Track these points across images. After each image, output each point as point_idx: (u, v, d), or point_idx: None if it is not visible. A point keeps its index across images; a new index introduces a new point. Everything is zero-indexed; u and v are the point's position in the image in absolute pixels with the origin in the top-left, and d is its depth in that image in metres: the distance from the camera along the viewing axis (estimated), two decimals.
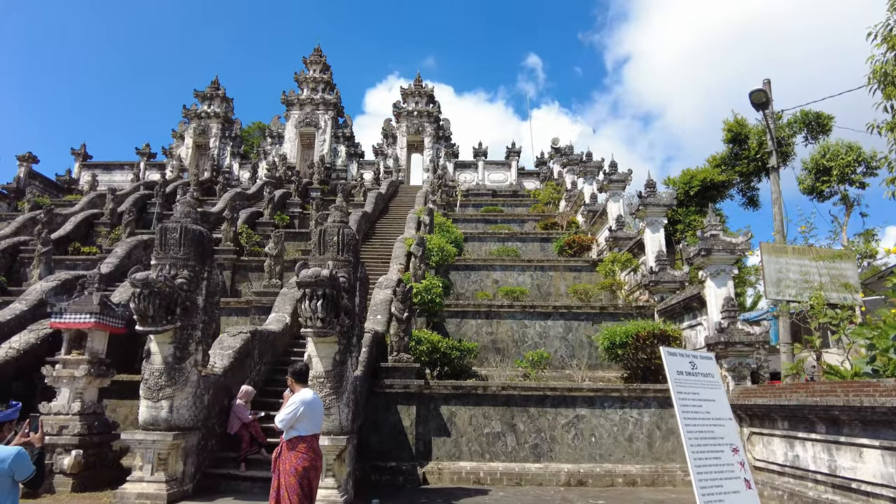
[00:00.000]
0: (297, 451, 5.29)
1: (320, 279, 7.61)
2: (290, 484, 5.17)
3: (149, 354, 8.31)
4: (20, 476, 3.81)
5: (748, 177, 19.17)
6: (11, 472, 3.73)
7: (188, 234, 8.62)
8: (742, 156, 18.56)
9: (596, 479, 10.03)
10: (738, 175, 19.01)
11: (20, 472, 3.78)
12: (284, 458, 5.33)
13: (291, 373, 5.91)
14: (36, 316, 13.73)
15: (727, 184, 19.11)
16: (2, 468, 3.67)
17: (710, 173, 18.79)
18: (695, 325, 11.80)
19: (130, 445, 8.07)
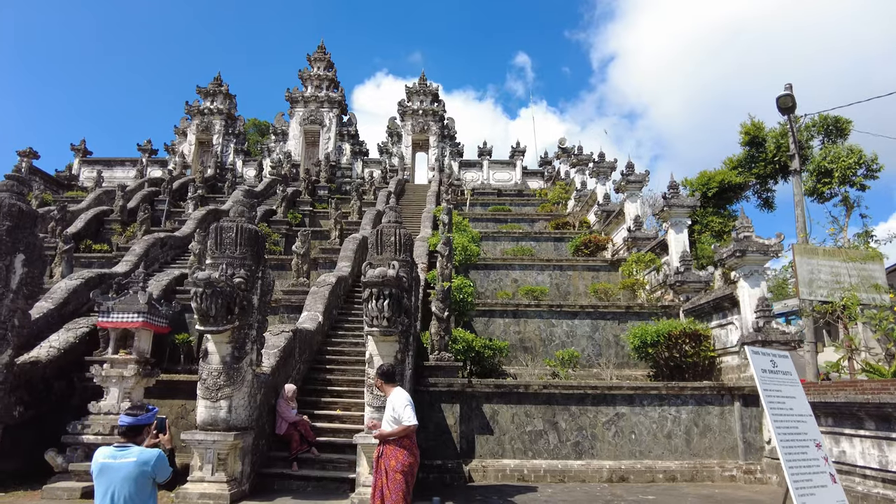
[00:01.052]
0: (403, 449, 5.35)
1: (387, 279, 7.68)
2: (397, 480, 5.22)
3: (206, 354, 8.31)
4: (161, 478, 3.85)
5: (764, 179, 19.58)
6: (154, 474, 3.76)
7: (244, 234, 8.62)
8: (759, 158, 18.94)
9: (637, 476, 10.23)
10: (754, 177, 19.39)
11: (161, 473, 3.82)
12: (390, 456, 5.39)
13: (380, 374, 5.93)
14: (63, 314, 13.54)
15: (744, 185, 19.50)
16: (146, 470, 3.71)
17: (727, 175, 19.15)
18: (725, 325, 12.05)
19: (190, 445, 8.05)
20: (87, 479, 8.29)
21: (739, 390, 10.61)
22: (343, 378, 11.74)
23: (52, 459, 8.56)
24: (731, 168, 19.74)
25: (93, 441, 8.69)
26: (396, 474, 5.23)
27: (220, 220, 8.84)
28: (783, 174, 19.02)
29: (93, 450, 8.68)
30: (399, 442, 5.37)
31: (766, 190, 20.40)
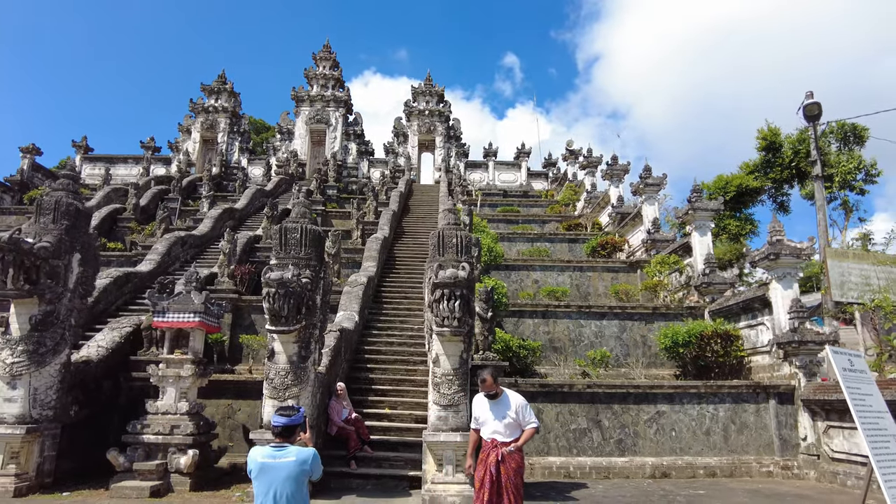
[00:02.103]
0: (519, 450, 5.29)
1: (458, 280, 7.84)
2: (518, 484, 5.16)
3: (272, 354, 8.39)
4: (316, 476, 3.98)
5: (780, 183, 20.12)
6: (311, 473, 3.89)
7: (309, 235, 8.72)
8: (775, 163, 19.47)
9: (679, 472, 10.53)
10: (770, 181, 19.93)
11: (316, 472, 3.95)
12: (510, 459, 5.17)
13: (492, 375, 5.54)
14: (94, 313, 13.47)
15: (760, 190, 20.02)
16: (305, 469, 3.84)
17: (744, 179, 19.66)
18: (755, 325, 12.42)
19: (258, 444, 8.09)
20: (151, 478, 8.33)
21: (774, 388, 10.97)
22: (385, 377, 11.87)
23: (115, 459, 8.55)
24: (748, 172, 20.28)
25: (153, 441, 8.70)
26: (518, 477, 5.17)
27: (284, 222, 8.92)
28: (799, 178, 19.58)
29: (152, 449, 8.73)
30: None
31: (781, 194, 20.98)
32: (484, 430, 5.35)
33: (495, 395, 5.35)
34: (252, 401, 10.84)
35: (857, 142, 19.58)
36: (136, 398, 10.73)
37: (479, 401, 5.48)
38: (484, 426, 5.35)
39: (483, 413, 5.37)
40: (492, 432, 5.26)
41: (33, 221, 9.06)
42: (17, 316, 8.48)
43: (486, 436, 5.29)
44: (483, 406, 5.40)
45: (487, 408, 5.34)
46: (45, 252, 8.49)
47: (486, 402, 5.39)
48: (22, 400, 8.28)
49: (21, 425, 8.15)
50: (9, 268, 8.03)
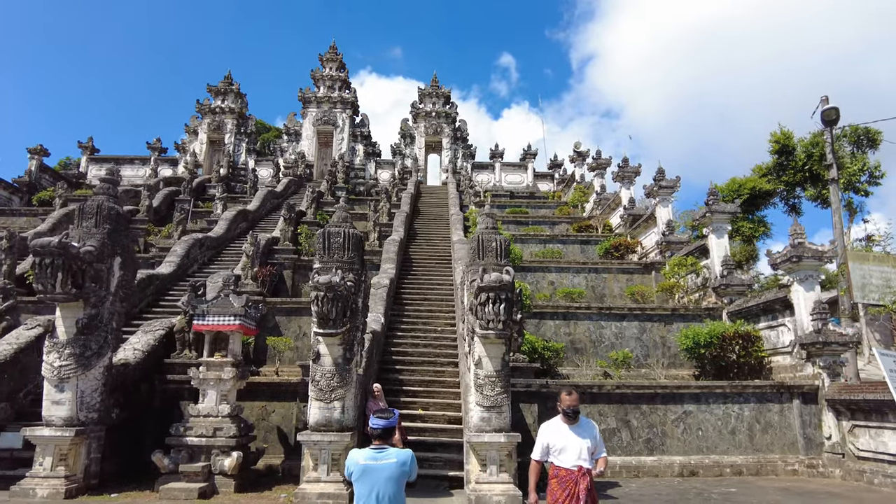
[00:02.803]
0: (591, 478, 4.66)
1: (503, 284, 8.00)
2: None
3: (318, 356, 8.50)
4: (413, 477, 4.12)
5: (793, 186, 20.44)
6: (409, 474, 4.03)
7: (351, 239, 8.85)
8: (788, 166, 19.78)
9: (706, 470, 10.74)
10: (783, 184, 20.23)
11: (413, 472, 4.09)
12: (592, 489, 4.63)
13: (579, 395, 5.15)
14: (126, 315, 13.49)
15: (772, 192, 20.32)
16: (405, 470, 3.98)
17: (757, 182, 19.96)
18: (775, 326, 12.65)
19: (306, 446, 8.22)
20: (197, 479, 8.43)
21: (798, 388, 11.20)
22: (414, 378, 12.00)
23: (160, 461, 8.65)
24: (761, 175, 20.59)
25: (196, 443, 8.80)
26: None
27: (326, 226, 9.05)
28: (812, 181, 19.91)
29: (195, 451, 8.83)
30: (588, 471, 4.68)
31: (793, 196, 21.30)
32: (563, 458, 4.62)
33: (575, 417, 4.73)
34: (286, 402, 10.96)
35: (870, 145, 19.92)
36: (171, 401, 10.84)
37: (556, 427, 4.77)
38: (562, 454, 4.62)
39: (562, 440, 4.66)
40: (577, 459, 4.57)
41: (76, 226, 9.13)
42: (63, 319, 8.56)
43: (569, 464, 4.58)
44: (561, 432, 4.70)
45: (568, 434, 4.67)
46: (89, 256, 8.58)
47: (564, 427, 4.71)
48: (69, 402, 8.36)
49: (69, 427, 8.23)
50: (58, 272, 8.10)
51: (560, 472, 4.61)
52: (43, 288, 8.15)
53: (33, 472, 8.13)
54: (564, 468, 4.60)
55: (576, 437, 4.65)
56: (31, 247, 8.11)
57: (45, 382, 8.43)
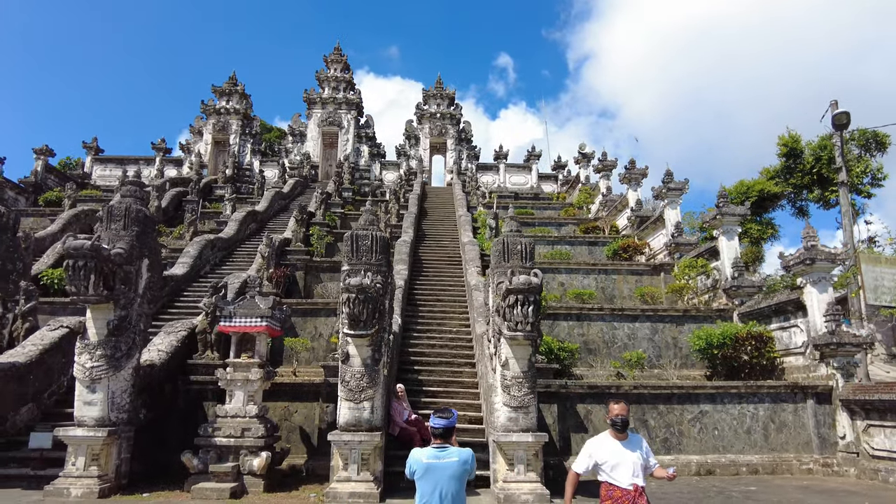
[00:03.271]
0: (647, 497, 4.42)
1: (532, 286, 8.14)
2: None
3: (347, 357, 8.62)
4: (472, 475, 4.26)
5: (800, 189, 20.71)
6: (470, 472, 4.17)
7: (379, 242, 8.97)
8: (796, 169, 20.04)
9: (723, 469, 10.91)
10: (791, 187, 20.50)
11: (473, 471, 4.23)
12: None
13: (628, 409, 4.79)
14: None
15: (780, 195, 20.58)
16: (466, 468, 4.12)
17: (765, 185, 20.20)
18: (787, 327, 12.85)
19: (336, 446, 8.33)
20: (226, 479, 8.52)
21: (812, 389, 11.38)
22: (432, 379, 12.12)
23: (189, 461, 8.74)
24: (769, 178, 20.85)
25: (224, 443, 8.89)
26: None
27: (354, 229, 9.16)
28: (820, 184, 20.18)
29: (223, 452, 8.92)
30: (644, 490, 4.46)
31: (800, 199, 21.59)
32: (616, 476, 4.34)
33: (624, 429, 4.49)
34: (308, 403, 11.05)
35: (878, 148, 20.19)
36: (194, 401, 10.93)
37: (605, 442, 4.50)
38: (615, 471, 4.35)
39: (613, 456, 4.38)
40: (632, 477, 4.31)
41: (103, 228, 9.21)
42: (93, 321, 8.64)
43: (625, 483, 4.30)
44: (612, 448, 4.43)
45: (620, 450, 4.40)
46: (119, 258, 8.66)
47: (614, 443, 4.45)
48: (101, 403, 8.44)
49: (102, 428, 8.32)
50: (90, 274, 8.18)
51: (615, 493, 4.34)
52: (76, 290, 8.22)
53: (66, 472, 8.21)
54: (620, 488, 4.32)
55: (628, 452, 4.39)
56: (65, 249, 8.19)
57: (77, 383, 8.50)
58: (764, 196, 20.12)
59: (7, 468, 9.20)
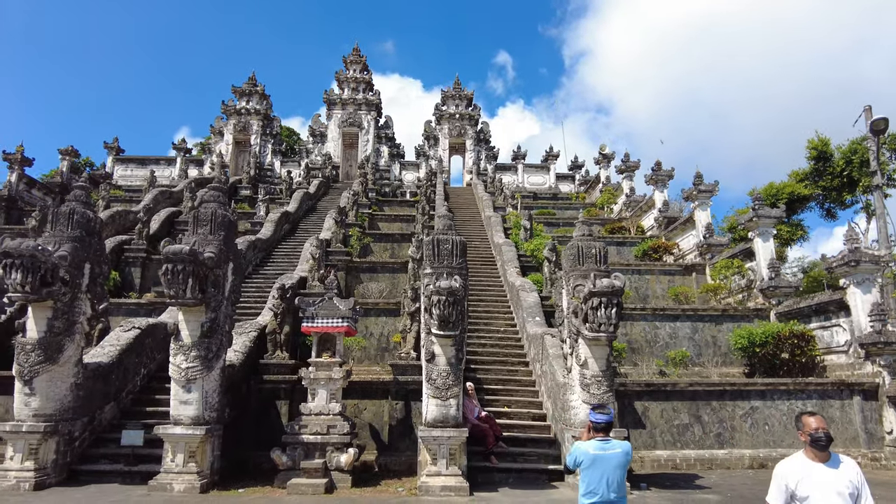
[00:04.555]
0: None
1: (615, 289, 8.52)
2: None
3: (432, 356, 8.98)
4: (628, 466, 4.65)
5: (830, 191, 21.22)
6: (629, 462, 4.57)
7: (459, 246, 9.34)
8: (826, 172, 20.54)
9: (774, 462, 11.28)
10: (820, 189, 21.01)
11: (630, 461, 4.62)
12: None
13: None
14: None
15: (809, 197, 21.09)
16: (628, 459, 4.53)
17: (794, 187, 20.71)
18: (828, 327, 13.31)
19: (424, 441, 8.70)
20: (316, 475, 8.86)
21: (859, 386, 11.84)
22: (490, 377, 12.50)
23: (279, 458, 9.08)
24: (798, 181, 21.36)
25: (311, 440, 9.24)
26: None
27: (434, 234, 9.52)
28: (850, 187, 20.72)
29: (310, 448, 9.27)
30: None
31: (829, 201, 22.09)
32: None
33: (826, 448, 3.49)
34: (377, 400, 11.40)
35: None
36: (267, 400, 11.26)
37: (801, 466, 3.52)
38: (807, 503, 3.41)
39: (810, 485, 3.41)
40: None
41: (191, 232, 9.52)
42: (186, 323, 8.94)
43: None
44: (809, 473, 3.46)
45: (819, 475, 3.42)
46: (211, 262, 8.98)
47: (813, 466, 3.48)
48: (196, 402, 8.76)
49: (199, 426, 8.64)
50: (188, 278, 8.50)
51: None
52: (174, 293, 8.53)
53: (166, 468, 8.53)
54: None
55: (830, 479, 3.40)
56: (164, 253, 8.50)
57: (173, 383, 8.82)
58: (793, 198, 20.62)
59: (98, 464, 9.53)
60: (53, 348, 8.99)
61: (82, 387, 9.53)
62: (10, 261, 8.48)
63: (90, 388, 9.76)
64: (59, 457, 9.00)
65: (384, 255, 20.91)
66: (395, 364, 11.43)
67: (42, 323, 9.01)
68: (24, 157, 24.09)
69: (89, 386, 9.73)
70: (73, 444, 9.34)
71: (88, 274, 9.75)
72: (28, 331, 9.02)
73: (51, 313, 9.06)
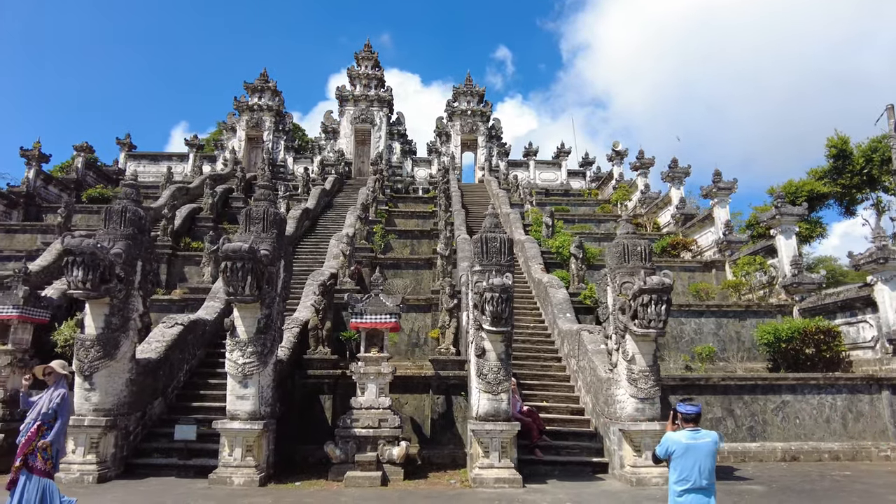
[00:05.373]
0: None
1: (665, 286, 8.74)
2: None
3: (483, 352, 9.19)
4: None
5: (850, 189, 21.51)
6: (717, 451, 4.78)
7: (507, 244, 9.53)
8: (845, 170, 20.82)
9: (806, 455, 11.62)
10: (840, 187, 21.29)
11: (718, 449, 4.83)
12: None
13: None
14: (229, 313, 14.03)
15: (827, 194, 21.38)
16: (717, 447, 4.74)
17: (814, 185, 20.98)
18: (855, 322, 13.58)
19: (477, 435, 8.91)
20: (370, 468, 9.06)
21: (888, 381, 12.11)
22: (524, 372, 12.70)
23: (332, 451, 9.28)
24: (817, 178, 21.64)
25: (363, 434, 9.41)
26: None
27: (483, 232, 9.70)
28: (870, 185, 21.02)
29: (361, 442, 9.44)
30: None
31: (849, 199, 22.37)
32: None
33: None
34: (418, 394, 11.60)
35: None
36: (311, 395, 11.44)
37: None
38: None
39: None
40: None
41: (243, 230, 9.67)
42: (242, 320, 9.11)
43: None
44: None
45: None
46: (266, 259, 9.14)
47: None
48: (253, 398, 8.94)
49: (257, 421, 8.82)
50: (248, 275, 8.66)
51: None
52: (233, 290, 8.69)
53: (225, 462, 8.71)
54: None
55: None
56: (224, 251, 8.65)
57: (229, 378, 8.98)
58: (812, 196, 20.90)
59: (151, 458, 9.71)
60: (111, 344, 9.15)
61: (135, 382, 9.70)
62: (73, 258, 8.62)
63: (142, 384, 9.93)
64: (118, 451, 9.18)
65: (404, 251, 21.08)
66: (436, 359, 11.63)
67: (99, 319, 9.16)
68: (41, 154, 24.10)
69: (141, 381, 9.90)
70: (128, 438, 9.51)
71: (140, 271, 9.91)
72: (86, 327, 9.18)
73: (108, 310, 9.22)
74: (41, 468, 6.10)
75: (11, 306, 9.87)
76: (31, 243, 20.52)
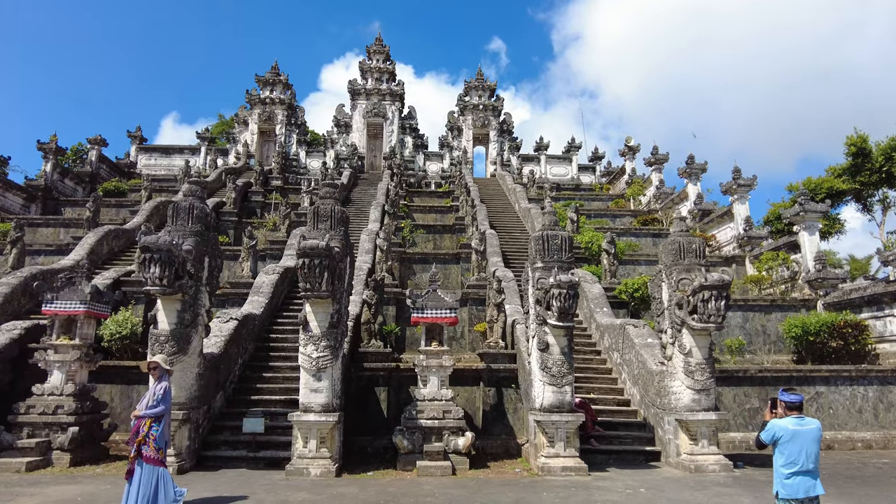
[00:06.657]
0: None
1: (725, 283, 9.10)
2: None
3: (547, 346, 9.51)
4: None
5: (868, 186, 22.07)
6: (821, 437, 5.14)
7: (567, 241, 9.83)
8: (864, 167, 21.35)
9: (840, 444, 12.12)
10: (859, 184, 21.83)
11: None
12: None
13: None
14: (273, 307, 14.26)
15: (846, 192, 21.92)
16: (821, 434, 5.10)
17: (833, 182, 21.52)
18: (882, 317, 14.08)
19: (542, 425, 9.24)
20: (437, 458, 9.36)
21: None
22: None
23: (400, 442, 9.57)
24: (836, 176, 22.18)
25: (429, 425, 9.70)
26: None
27: (544, 230, 9.98)
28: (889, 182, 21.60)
29: (426, 433, 9.73)
30: None
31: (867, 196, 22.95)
32: None
33: None
34: (469, 387, 11.90)
35: None
36: (365, 388, 11.72)
37: None
38: None
39: None
40: None
41: (311, 227, 9.88)
42: (314, 315, 9.32)
43: None
44: None
45: None
46: (338, 256, 9.35)
47: None
48: (326, 390, 9.18)
49: (330, 413, 9.07)
50: (324, 272, 8.88)
51: None
52: (310, 286, 8.91)
53: (300, 454, 8.96)
54: None
55: None
56: (301, 248, 8.86)
57: (303, 372, 9.21)
58: (831, 193, 21.45)
59: (220, 450, 9.94)
60: (183, 339, 9.34)
61: (203, 376, 9.90)
62: (150, 255, 8.78)
63: (208, 378, 10.13)
64: (191, 443, 9.39)
65: (427, 245, 21.32)
66: (485, 353, 11.94)
67: (172, 315, 9.34)
68: (58, 147, 23.95)
69: (207, 375, 10.10)
70: (198, 431, 9.73)
71: (207, 267, 10.07)
72: (159, 323, 9.35)
73: (180, 306, 9.40)
74: (154, 457, 6.39)
75: (79, 301, 10.01)
76: (55, 237, 20.50)
